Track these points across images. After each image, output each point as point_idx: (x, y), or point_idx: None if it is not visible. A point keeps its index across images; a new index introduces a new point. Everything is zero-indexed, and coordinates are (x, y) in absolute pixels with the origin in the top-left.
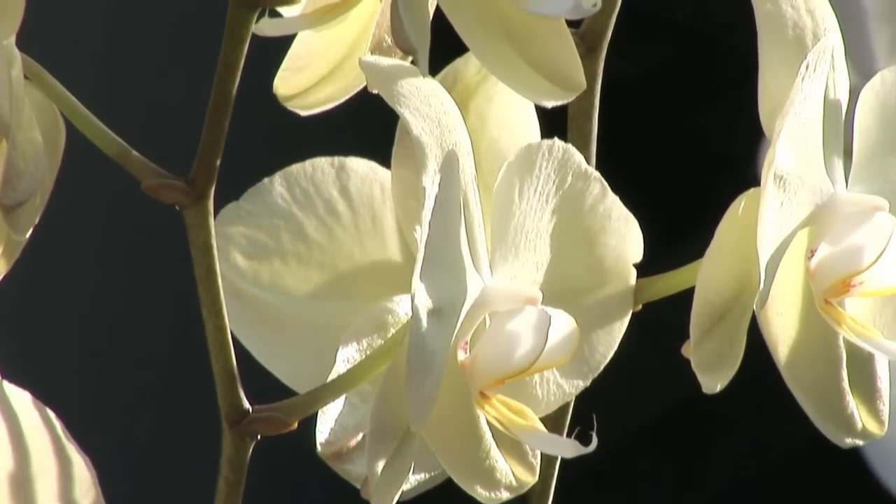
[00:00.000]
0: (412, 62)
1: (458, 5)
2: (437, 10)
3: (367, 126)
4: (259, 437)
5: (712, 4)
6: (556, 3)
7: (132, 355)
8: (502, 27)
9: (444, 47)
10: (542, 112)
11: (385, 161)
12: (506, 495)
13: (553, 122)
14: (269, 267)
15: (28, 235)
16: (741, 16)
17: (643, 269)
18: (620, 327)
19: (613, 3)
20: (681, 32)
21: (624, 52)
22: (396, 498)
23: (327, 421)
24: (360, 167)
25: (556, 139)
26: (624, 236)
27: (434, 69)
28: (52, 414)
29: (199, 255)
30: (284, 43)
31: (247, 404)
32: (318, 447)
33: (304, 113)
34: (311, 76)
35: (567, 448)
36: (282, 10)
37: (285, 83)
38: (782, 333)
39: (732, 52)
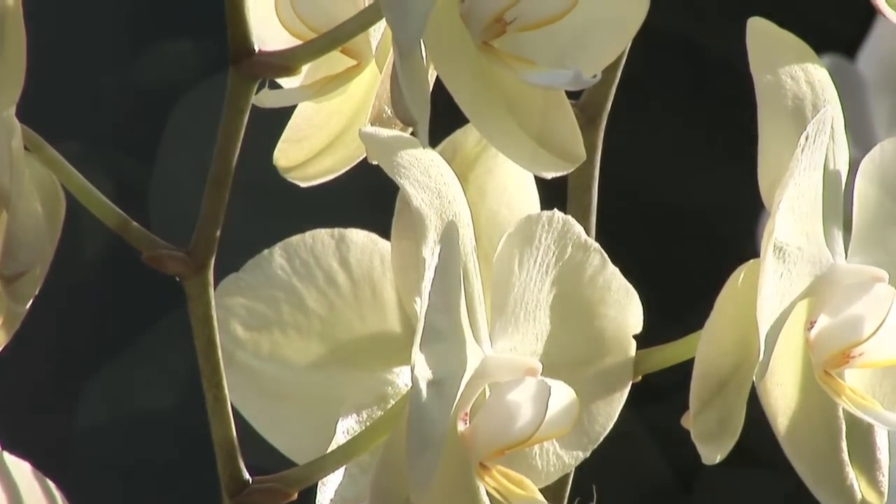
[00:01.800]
0: (412, 133)
1: (458, 77)
2: (437, 81)
3: (367, 197)
4: None
5: (713, 77)
6: (556, 75)
7: (131, 425)
8: (502, 99)
9: (443, 118)
10: (541, 183)
11: (385, 232)
12: None
13: (552, 194)
14: (269, 338)
15: (28, 306)
16: (742, 89)
17: (643, 340)
18: (620, 398)
19: (613, 74)
20: (681, 104)
21: (623, 124)
22: None
23: (327, 492)
24: (360, 238)
25: (555, 210)
26: (624, 307)
27: (434, 140)
28: (52, 484)
29: (199, 326)
30: (285, 114)
31: (247, 475)
32: None
33: (304, 184)
34: (311, 147)
35: None
36: (282, 81)
37: (285, 155)
38: (782, 404)
39: (733, 125)
